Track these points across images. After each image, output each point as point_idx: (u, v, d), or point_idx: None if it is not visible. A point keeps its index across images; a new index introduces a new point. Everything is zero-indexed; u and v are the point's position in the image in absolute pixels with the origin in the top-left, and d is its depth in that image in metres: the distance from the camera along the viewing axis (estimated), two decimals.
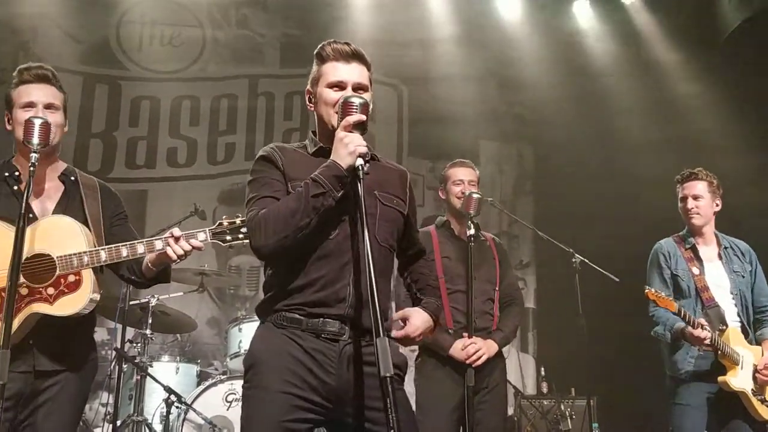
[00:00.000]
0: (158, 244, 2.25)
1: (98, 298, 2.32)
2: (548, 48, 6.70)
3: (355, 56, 2.04)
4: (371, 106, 1.99)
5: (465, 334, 3.13)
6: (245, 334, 4.49)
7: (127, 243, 2.27)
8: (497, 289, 3.41)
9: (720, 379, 3.21)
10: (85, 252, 2.23)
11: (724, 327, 3.28)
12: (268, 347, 1.91)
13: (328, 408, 1.87)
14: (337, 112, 1.94)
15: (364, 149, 1.86)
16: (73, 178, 2.44)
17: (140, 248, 2.26)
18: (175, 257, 2.23)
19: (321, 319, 1.89)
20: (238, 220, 2.22)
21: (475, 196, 3.19)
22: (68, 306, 2.22)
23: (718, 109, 6.18)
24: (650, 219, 4.30)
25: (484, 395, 3.19)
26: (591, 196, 6.21)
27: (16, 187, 2.33)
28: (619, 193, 6.15)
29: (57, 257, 2.22)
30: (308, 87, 2.09)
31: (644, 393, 4.97)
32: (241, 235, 2.22)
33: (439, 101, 6.77)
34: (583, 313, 4.20)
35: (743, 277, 3.44)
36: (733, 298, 3.39)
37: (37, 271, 2.20)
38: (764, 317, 3.44)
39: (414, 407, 2.59)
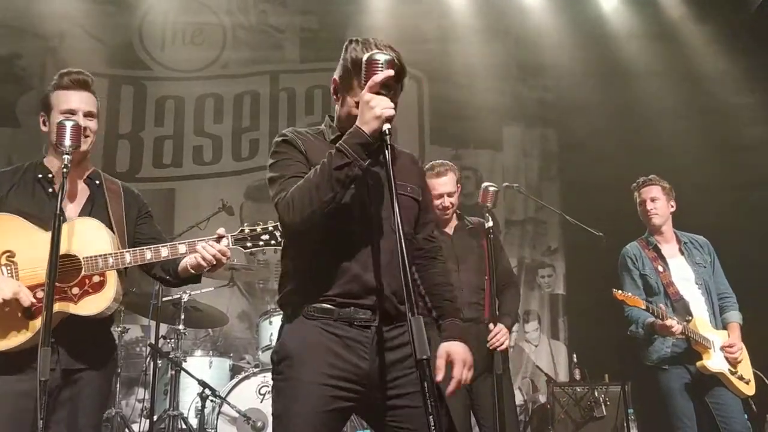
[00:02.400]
0: (181, 248, 2.31)
1: (121, 299, 2.38)
2: (569, 29, 6.60)
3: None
4: (401, 65, 1.85)
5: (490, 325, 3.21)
6: (276, 326, 4.42)
7: (151, 246, 2.33)
8: (487, 277, 3.39)
9: (698, 363, 3.42)
10: (110, 254, 2.28)
11: (690, 317, 3.48)
12: (300, 340, 1.89)
13: (361, 393, 1.87)
14: (363, 74, 1.80)
15: (391, 112, 1.75)
16: (98, 181, 2.49)
17: (164, 251, 2.32)
18: (204, 263, 2.29)
19: (352, 308, 1.88)
20: (258, 228, 2.30)
21: (491, 189, 3.21)
22: (92, 306, 2.28)
23: (746, 82, 6.05)
24: (680, 199, 4.24)
25: (484, 379, 3.23)
26: (618, 178, 6.06)
27: (51, 190, 2.38)
28: (647, 173, 6.03)
29: (83, 258, 2.27)
30: (335, 76, 2.00)
31: None
32: (261, 242, 2.30)
33: (460, 87, 6.72)
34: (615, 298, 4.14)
35: (705, 267, 3.68)
36: (699, 288, 3.62)
37: (63, 271, 2.24)
38: (725, 303, 3.67)
39: None
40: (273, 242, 2.32)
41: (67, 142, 2.25)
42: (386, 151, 1.72)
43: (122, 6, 6.50)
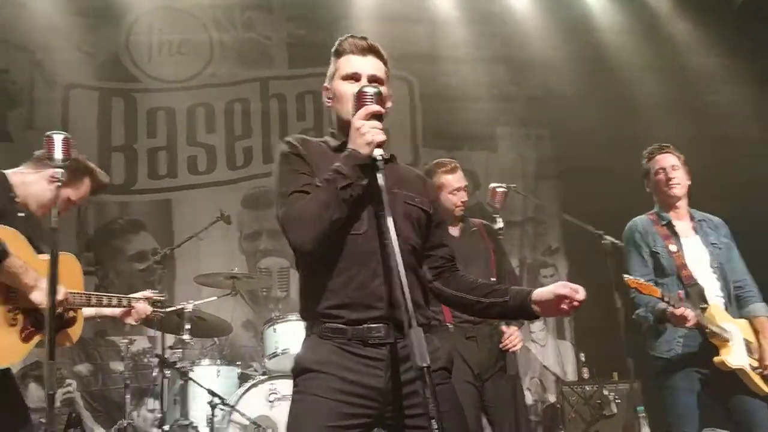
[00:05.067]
0: (124, 302, 2.78)
1: None
2: (556, 26, 6.67)
3: (371, 50, 2.02)
4: (389, 102, 1.95)
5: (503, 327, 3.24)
6: (280, 334, 4.47)
7: (109, 295, 2.72)
8: (494, 279, 3.37)
9: (716, 359, 3.04)
10: (83, 293, 2.54)
11: (705, 305, 3.11)
12: (316, 357, 1.88)
13: (377, 409, 1.85)
14: (353, 106, 1.87)
15: (382, 137, 1.80)
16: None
17: (114, 301, 2.74)
18: (138, 318, 2.86)
19: (364, 325, 1.85)
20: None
21: (499, 189, 3.21)
22: (66, 339, 2.55)
23: (733, 78, 6.15)
24: None
25: (495, 380, 3.24)
26: (616, 173, 6.13)
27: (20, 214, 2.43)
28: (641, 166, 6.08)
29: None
30: (325, 83, 2.06)
31: None
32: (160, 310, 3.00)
33: (451, 90, 6.76)
34: (619, 295, 4.15)
35: (720, 249, 3.29)
36: (714, 272, 3.24)
37: None
38: (744, 293, 3.28)
39: None
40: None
41: (58, 155, 2.22)
42: (378, 176, 1.76)
43: (108, 18, 6.41)
